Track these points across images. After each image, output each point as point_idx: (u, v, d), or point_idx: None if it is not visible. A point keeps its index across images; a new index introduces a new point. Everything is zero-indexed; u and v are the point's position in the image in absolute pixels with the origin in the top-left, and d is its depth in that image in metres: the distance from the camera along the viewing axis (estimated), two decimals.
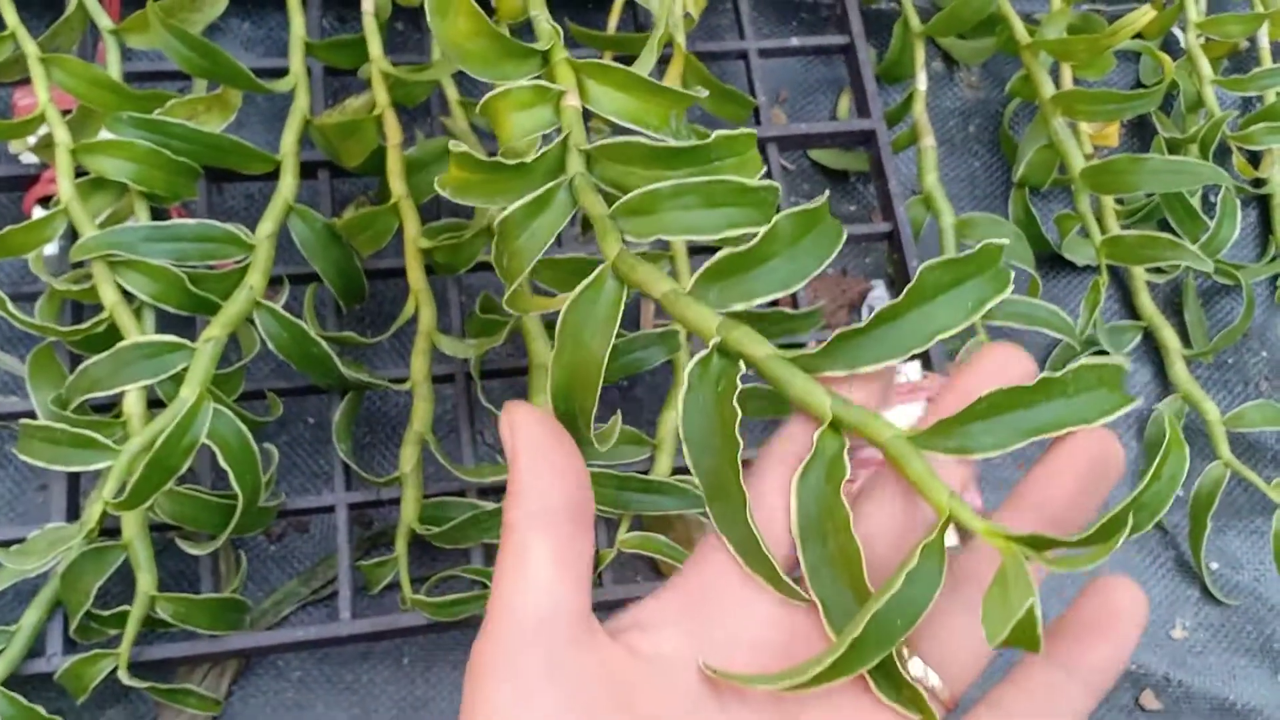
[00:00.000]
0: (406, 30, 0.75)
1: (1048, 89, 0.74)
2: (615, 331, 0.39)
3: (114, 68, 0.59)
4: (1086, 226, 0.74)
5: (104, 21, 0.60)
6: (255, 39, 0.75)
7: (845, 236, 0.41)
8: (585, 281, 0.39)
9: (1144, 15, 0.69)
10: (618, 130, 0.47)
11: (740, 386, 0.39)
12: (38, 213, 0.63)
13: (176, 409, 0.51)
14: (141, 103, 0.58)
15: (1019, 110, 0.83)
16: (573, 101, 0.45)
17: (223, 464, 0.52)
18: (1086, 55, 0.72)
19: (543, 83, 0.45)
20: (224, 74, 0.58)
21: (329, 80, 0.69)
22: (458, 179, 0.43)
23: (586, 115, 0.50)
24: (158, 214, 0.60)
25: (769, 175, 0.72)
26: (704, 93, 0.51)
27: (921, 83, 0.76)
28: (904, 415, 0.67)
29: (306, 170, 0.64)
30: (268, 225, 0.58)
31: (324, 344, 0.57)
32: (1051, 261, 0.79)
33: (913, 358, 0.68)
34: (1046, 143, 0.75)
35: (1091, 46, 0.71)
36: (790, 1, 0.85)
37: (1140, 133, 0.84)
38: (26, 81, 0.63)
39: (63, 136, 0.56)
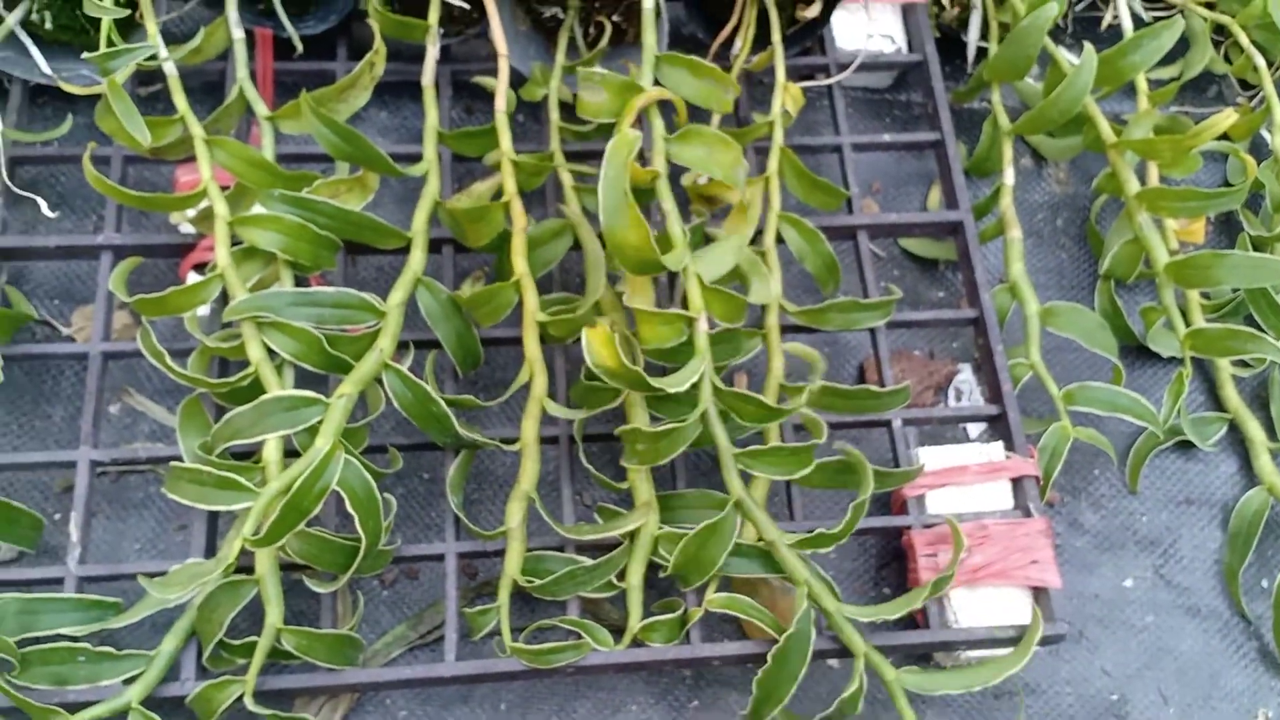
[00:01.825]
0: (526, 122, 0.81)
1: (1133, 186, 0.77)
2: (731, 545, 0.60)
3: (268, 150, 0.66)
4: (1170, 319, 0.76)
5: (261, 109, 0.67)
6: (391, 126, 0.82)
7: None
8: (715, 518, 0.60)
9: (1226, 118, 0.72)
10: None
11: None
12: (193, 277, 0.70)
13: (311, 457, 0.57)
14: (291, 182, 0.64)
15: (1106, 205, 0.86)
16: (704, 327, 0.61)
17: (350, 509, 0.57)
18: (1170, 155, 0.75)
19: (683, 312, 0.62)
20: (365, 159, 0.65)
21: (455, 165, 0.75)
22: (607, 367, 0.58)
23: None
24: (299, 281, 0.66)
25: (859, 262, 0.76)
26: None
27: (1009, 178, 0.80)
28: (988, 494, 0.70)
29: (432, 245, 0.70)
30: (398, 295, 0.63)
31: (443, 404, 0.62)
32: (1137, 352, 0.82)
33: (994, 439, 0.71)
34: (1132, 237, 0.78)
35: (1175, 147, 0.74)
36: (884, 99, 0.89)
37: (1227, 230, 0.86)
38: (187, 160, 0.71)
39: (222, 210, 0.63)
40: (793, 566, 0.62)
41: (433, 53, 0.69)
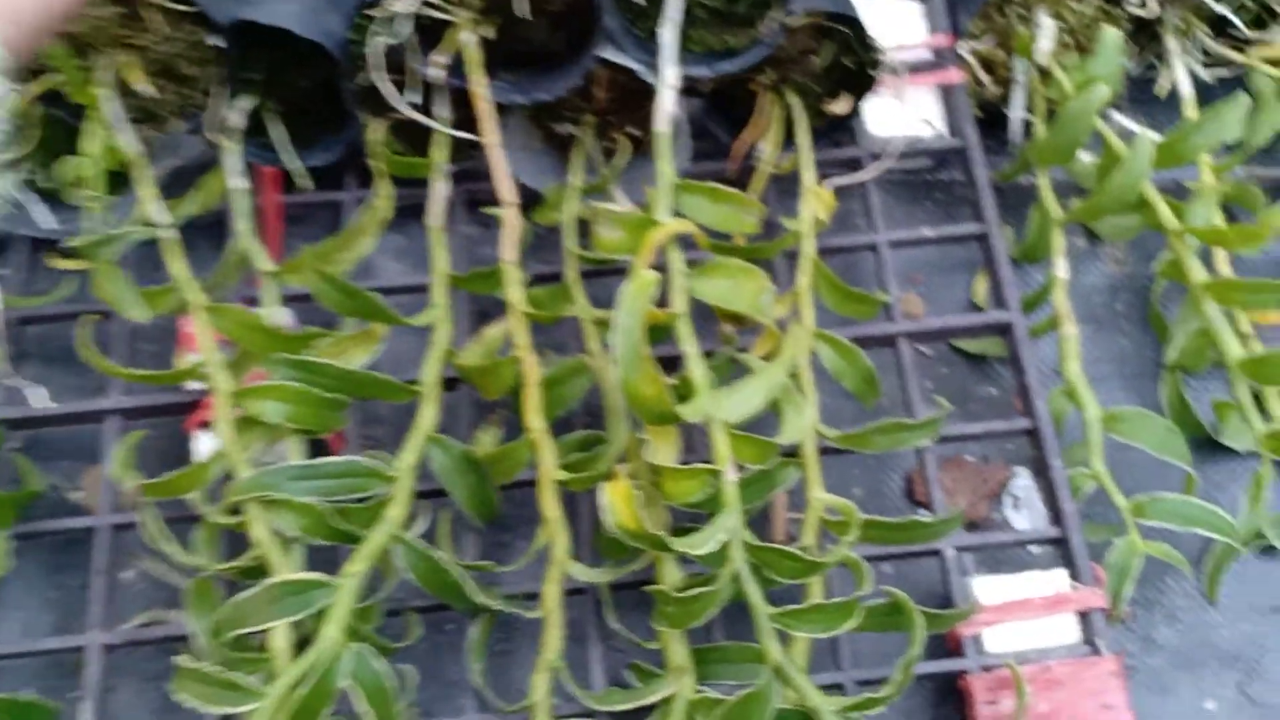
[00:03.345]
0: (546, 234, 0.78)
1: (1198, 274, 0.71)
2: (773, 713, 0.56)
3: (272, 306, 0.63)
4: (1246, 417, 0.70)
5: (264, 264, 0.64)
6: (406, 250, 0.79)
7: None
8: (754, 686, 0.56)
9: None
10: None
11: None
12: (200, 438, 0.67)
13: (319, 653, 0.54)
14: (293, 344, 0.61)
15: (1169, 286, 0.80)
16: (732, 477, 0.57)
17: (361, 708, 0.54)
18: (1239, 243, 0.70)
19: (707, 466, 0.58)
20: (370, 313, 0.62)
21: (471, 298, 0.72)
22: (627, 529, 0.56)
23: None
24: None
25: (900, 366, 0.72)
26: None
27: (1061, 269, 0.74)
28: (1051, 628, 0.65)
29: (448, 384, 0.66)
30: (409, 458, 0.60)
31: (459, 573, 0.59)
32: (1210, 445, 0.76)
33: (1056, 563, 0.66)
34: (1199, 328, 0.72)
35: (1244, 237, 0.68)
36: (922, 180, 0.84)
37: None
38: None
39: (224, 383, 0.60)
40: None
41: (440, 191, 0.66)
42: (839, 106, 0.75)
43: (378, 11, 0.64)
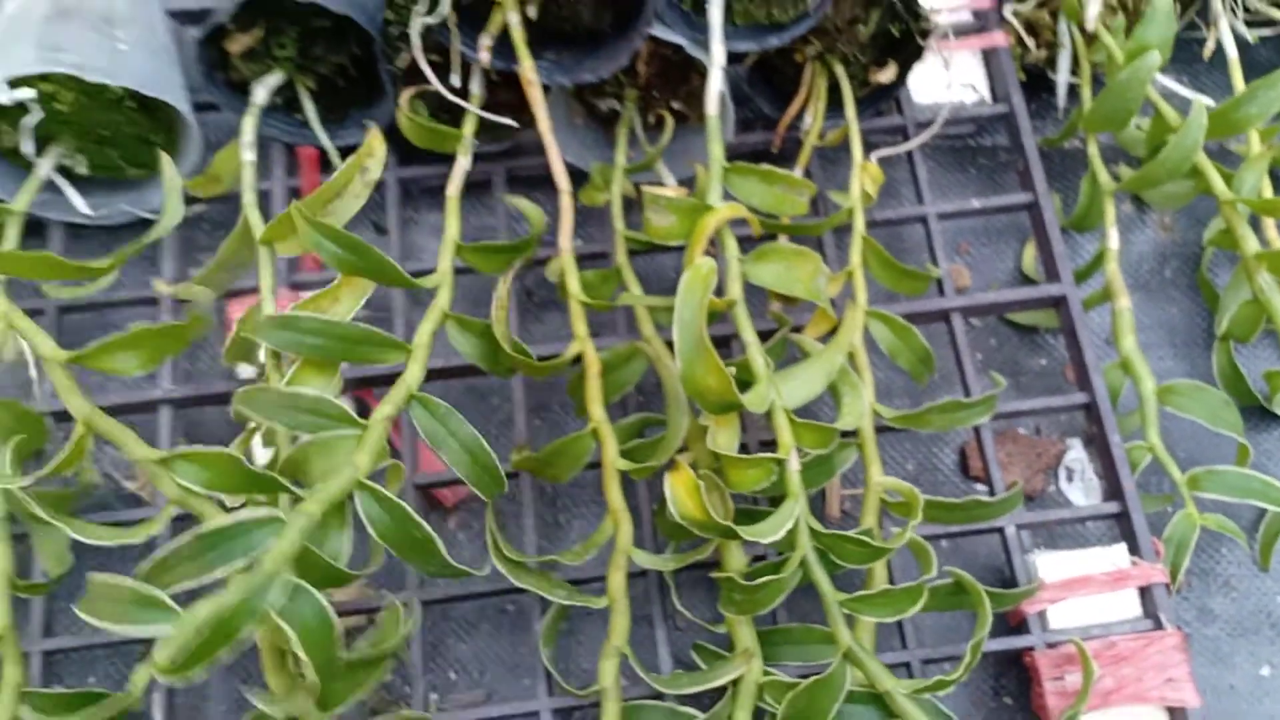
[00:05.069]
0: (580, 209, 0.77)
1: (1251, 244, 0.70)
2: (843, 696, 0.55)
3: (265, 280, 0.60)
4: None
5: (258, 230, 0.61)
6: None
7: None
8: (824, 670, 0.56)
9: None
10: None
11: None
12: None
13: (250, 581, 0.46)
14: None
15: (1217, 251, 0.79)
16: (795, 465, 0.56)
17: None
18: None
19: (774, 455, 0.57)
20: (374, 270, 0.56)
21: None
22: (694, 519, 0.55)
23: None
24: None
25: (953, 338, 0.71)
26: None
27: (1113, 241, 0.73)
28: (1114, 603, 0.65)
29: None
30: (387, 407, 0.54)
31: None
32: (1261, 412, 0.75)
33: (1118, 540, 0.66)
34: (1251, 298, 0.71)
35: None
36: (966, 145, 0.83)
37: None
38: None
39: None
40: (912, 716, 0.57)
41: (463, 164, 0.65)
42: (885, 75, 0.73)
43: None
